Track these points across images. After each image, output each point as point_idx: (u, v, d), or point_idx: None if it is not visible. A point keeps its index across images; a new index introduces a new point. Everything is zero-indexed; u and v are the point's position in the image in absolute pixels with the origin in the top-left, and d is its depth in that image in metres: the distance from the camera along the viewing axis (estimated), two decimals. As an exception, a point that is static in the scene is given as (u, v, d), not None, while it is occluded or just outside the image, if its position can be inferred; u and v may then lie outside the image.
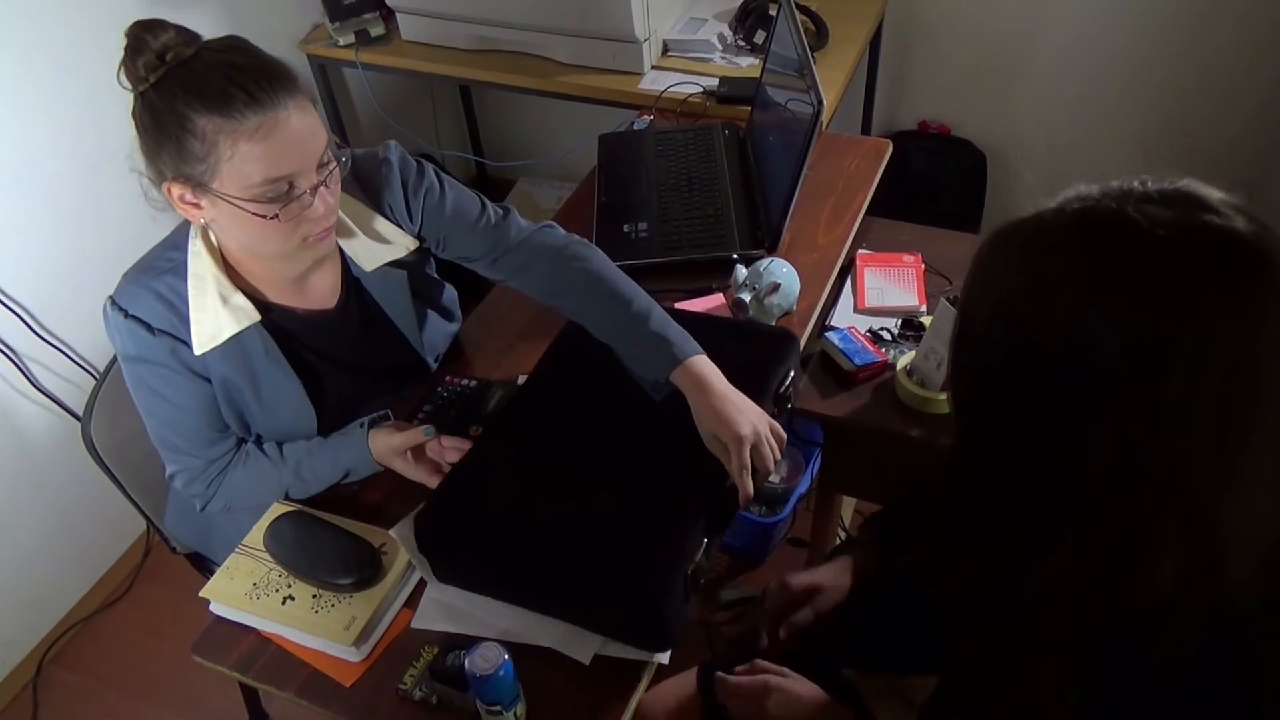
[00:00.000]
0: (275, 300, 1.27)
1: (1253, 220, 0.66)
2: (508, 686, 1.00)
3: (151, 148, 1.09)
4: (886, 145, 1.88)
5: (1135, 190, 0.69)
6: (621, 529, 1.09)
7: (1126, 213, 0.67)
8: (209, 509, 1.33)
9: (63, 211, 1.97)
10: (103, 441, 1.48)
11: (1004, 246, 0.74)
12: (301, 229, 1.13)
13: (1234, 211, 0.66)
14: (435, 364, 1.47)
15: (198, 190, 1.09)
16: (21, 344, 1.95)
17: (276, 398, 1.28)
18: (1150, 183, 0.70)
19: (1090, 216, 0.69)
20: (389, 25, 2.42)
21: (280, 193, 1.09)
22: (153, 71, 1.05)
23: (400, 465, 1.28)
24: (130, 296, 1.20)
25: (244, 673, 1.15)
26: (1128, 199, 0.68)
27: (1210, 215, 0.66)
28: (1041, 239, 0.71)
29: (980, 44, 2.49)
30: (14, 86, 1.83)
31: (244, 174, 1.06)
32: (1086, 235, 0.68)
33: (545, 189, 3.10)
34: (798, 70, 1.53)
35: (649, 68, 2.17)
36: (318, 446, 1.31)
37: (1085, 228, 0.69)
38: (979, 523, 0.79)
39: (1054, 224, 0.71)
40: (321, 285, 1.31)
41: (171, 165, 1.08)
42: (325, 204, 1.13)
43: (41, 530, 2.10)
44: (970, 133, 2.64)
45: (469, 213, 1.37)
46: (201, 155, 1.06)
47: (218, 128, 1.04)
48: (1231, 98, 2.34)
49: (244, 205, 1.08)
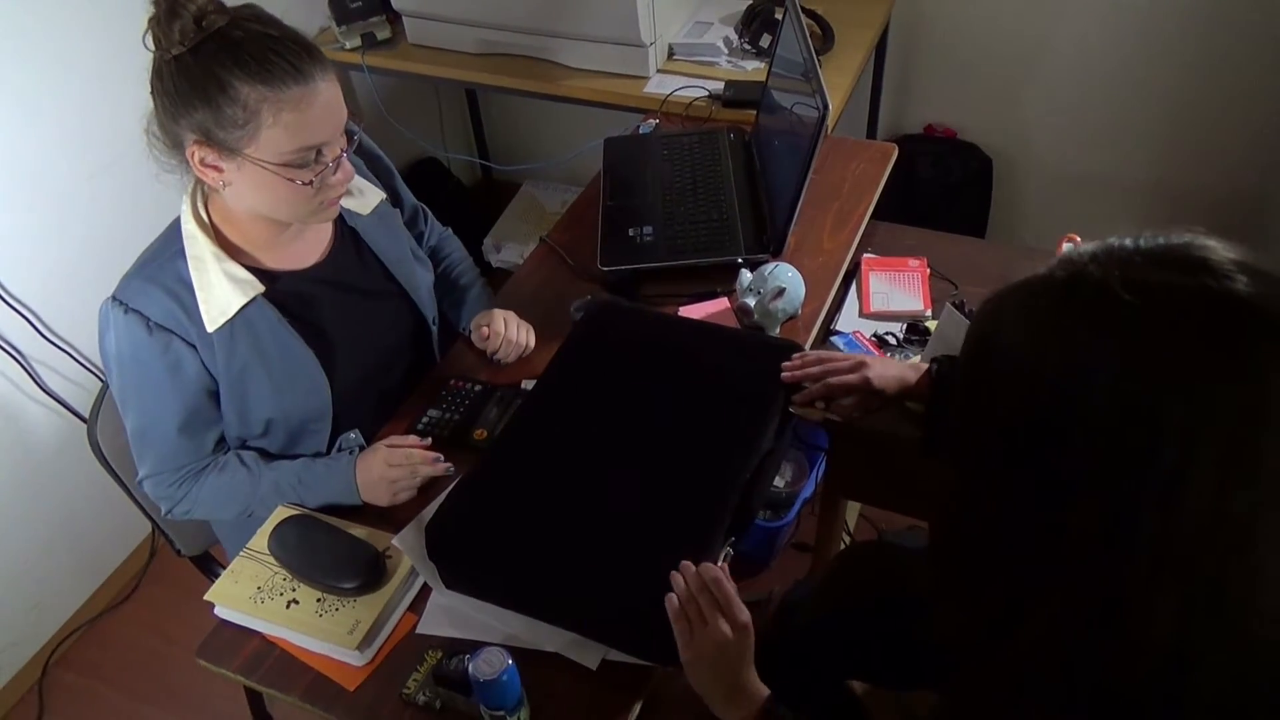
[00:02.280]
0: (273, 265, 1.30)
1: (1256, 279, 0.63)
2: (512, 692, 1.00)
3: (179, 110, 1.12)
4: (892, 149, 1.88)
5: (1127, 252, 0.68)
6: (634, 542, 1.08)
7: (1109, 283, 0.65)
8: (174, 513, 1.34)
9: (69, 214, 1.97)
10: (108, 444, 1.48)
11: (996, 310, 0.74)
12: (321, 194, 1.19)
13: (1237, 270, 0.64)
14: (434, 325, 1.51)
15: (225, 154, 1.14)
16: (28, 346, 1.95)
17: (289, 371, 1.29)
18: (1147, 241, 0.68)
19: (1075, 284, 0.68)
20: (395, 28, 2.42)
21: (308, 160, 1.15)
22: (189, 37, 1.08)
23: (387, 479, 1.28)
24: (133, 291, 1.22)
25: (249, 676, 1.15)
26: (1115, 264, 0.67)
27: (1207, 278, 0.64)
28: (1032, 306, 0.71)
29: (987, 47, 2.49)
30: (21, 90, 1.84)
31: (280, 141, 1.12)
32: (1071, 306, 0.68)
33: (550, 192, 3.10)
34: (803, 74, 1.53)
35: (654, 71, 2.17)
36: (303, 468, 1.32)
37: (1070, 299, 0.68)
38: (969, 571, 0.79)
39: (1042, 292, 0.70)
40: (316, 243, 1.36)
41: (200, 129, 1.12)
42: (345, 172, 1.21)
43: (47, 532, 2.10)
44: (977, 136, 2.64)
45: None
46: (241, 121, 1.10)
47: (261, 96, 1.09)
48: (1242, 103, 2.33)
49: (277, 171, 1.14)
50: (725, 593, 1.01)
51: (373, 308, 1.42)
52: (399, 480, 1.28)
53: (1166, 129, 2.45)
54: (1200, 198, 2.46)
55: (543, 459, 1.21)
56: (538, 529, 1.13)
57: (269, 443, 1.35)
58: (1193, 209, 2.48)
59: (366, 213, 1.40)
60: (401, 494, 1.29)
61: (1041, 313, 0.70)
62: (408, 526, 1.25)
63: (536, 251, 1.75)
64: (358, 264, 1.41)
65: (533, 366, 1.45)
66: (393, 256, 1.43)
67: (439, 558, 1.15)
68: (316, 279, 1.35)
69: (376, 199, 1.42)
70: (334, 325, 1.35)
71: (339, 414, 1.35)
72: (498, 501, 1.17)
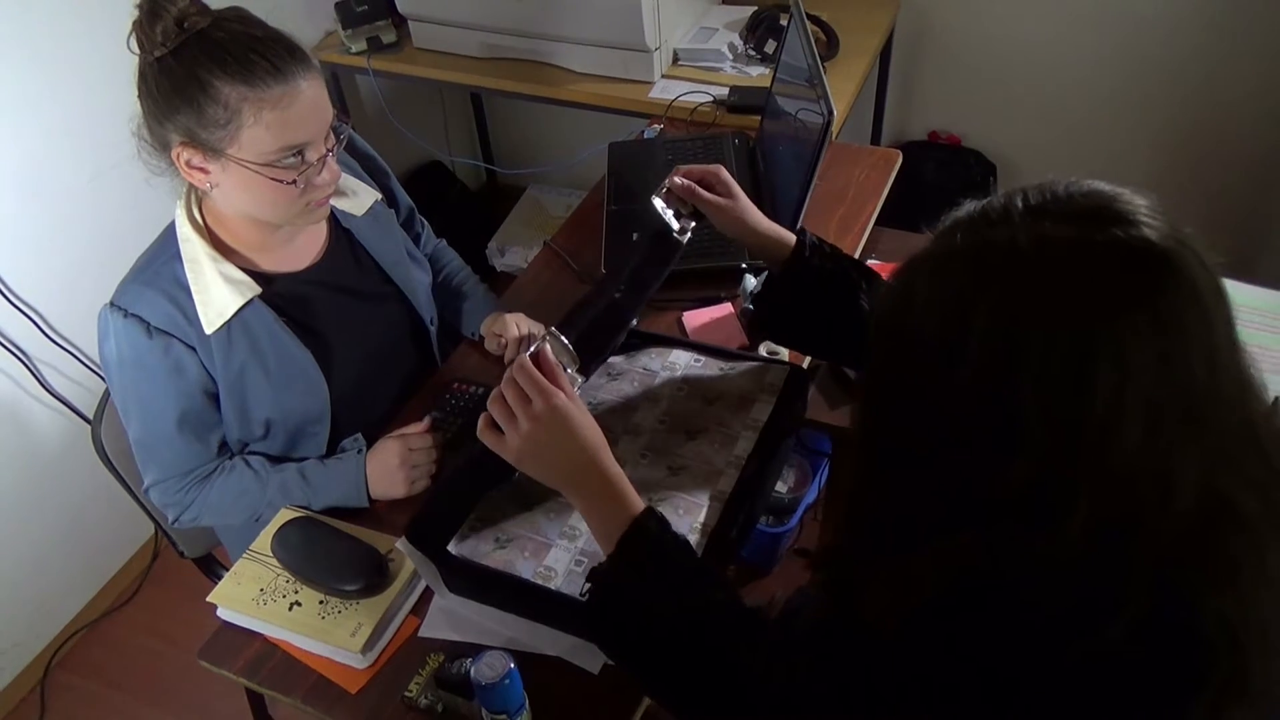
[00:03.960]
0: (268, 267, 1.30)
1: (1165, 226, 0.67)
2: (514, 695, 0.99)
3: (164, 112, 1.12)
4: (896, 155, 1.88)
5: (1032, 206, 0.70)
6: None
7: (1017, 240, 0.68)
8: (181, 520, 1.34)
9: (74, 215, 1.98)
10: (112, 445, 1.48)
11: (909, 283, 0.75)
12: (306, 195, 1.19)
13: (1149, 217, 0.67)
14: (432, 326, 1.51)
15: (209, 155, 1.14)
16: (32, 347, 1.96)
17: (286, 373, 1.29)
18: (1052, 191, 0.71)
19: (985, 251, 0.70)
20: (401, 32, 2.43)
21: (292, 161, 1.15)
22: (171, 38, 1.09)
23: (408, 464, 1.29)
24: (131, 296, 1.22)
25: (251, 678, 1.15)
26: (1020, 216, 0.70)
27: (1114, 228, 0.67)
28: (943, 275, 0.72)
29: (991, 55, 2.49)
30: (25, 91, 1.84)
31: (262, 141, 1.12)
32: (982, 264, 0.70)
33: (555, 196, 3.10)
34: (808, 80, 1.53)
35: (659, 77, 2.18)
36: (310, 469, 1.32)
37: (981, 266, 0.70)
38: (887, 539, 0.79)
39: (951, 260, 0.72)
40: (311, 245, 1.36)
41: (184, 130, 1.12)
42: (331, 172, 1.20)
43: (50, 533, 2.10)
44: (981, 143, 2.64)
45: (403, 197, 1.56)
46: (222, 121, 1.10)
47: (241, 96, 1.09)
48: (1244, 111, 2.33)
49: (260, 171, 1.13)
50: (530, 376, 0.93)
51: (369, 309, 1.42)
52: (419, 465, 1.28)
53: (1168, 138, 2.45)
54: (1201, 206, 2.46)
55: None
56: None
57: (268, 445, 1.35)
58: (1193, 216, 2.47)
59: (360, 214, 1.40)
60: (419, 481, 1.29)
61: (954, 283, 0.71)
62: (410, 529, 1.24)
63: (540, 255, 1.75)
64: (353, 265, 1.41)
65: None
66: (388, 258, 1.43)
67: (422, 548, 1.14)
68: (312, 281, 1.35)
69: (371, 200, 1.42)
70: (330, 327, 1.35)
71: (337, 415, 1.35)
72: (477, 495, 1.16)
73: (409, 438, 1.30)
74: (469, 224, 3.00)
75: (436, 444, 1.31)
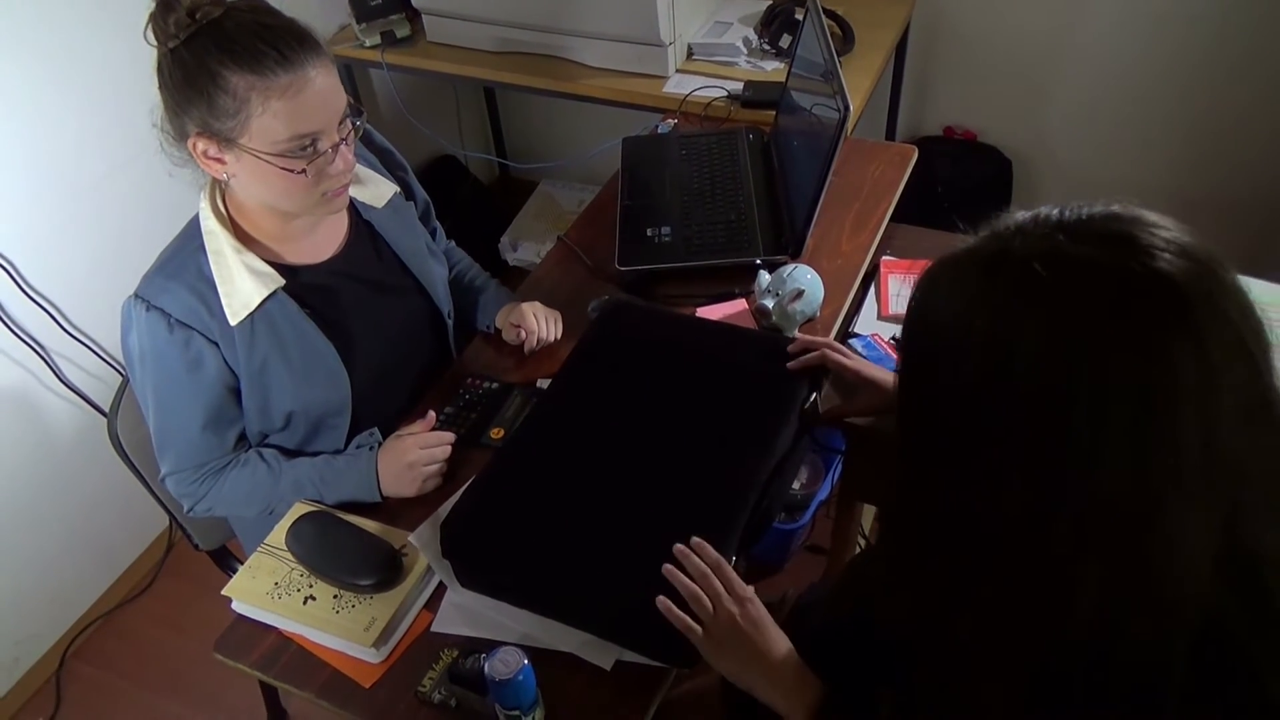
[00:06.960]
0: (290, 259, 1.31)
1: (1183, 255, 0.65)
2: (527, 691, 1.00)
3: (179, 103, 1.13)
4: (912, 151, 1.87)
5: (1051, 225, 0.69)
6: (649, 543, 1.07)
7: (1030, 259, 0.67)
8: (195, 511, 1.35)
9: (91, 208, 1.99)
10: (128, 437, 1.49)
11: (930, 284, 0.75)
12: (321, 185, 1.19)
13: (1165, 246, 0.65)
14: (449, 319, 1.51)
15: (224, 145, 1.14)
16: (50, 339, 1.97)
17: (309, 364, 1.30)
18: (1073, 212, 0.69)
19: (999, 259, 0.69)
20: (415, 26, 2.43)
21: (304, 149, 1.15)
22: (183, 29, 1.09)
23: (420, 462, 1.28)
24: (155, 288, 1.23)
25: (265, 671, 1.15)
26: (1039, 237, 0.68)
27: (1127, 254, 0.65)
28: (960, 281, 0.72)
29: (1007, 50, 2.47)
30: (42, 86, 1.85)
31: (272, 130, 1.12)
32: (995, 282, 0.69)
33: (568, 191, 3.10)
34: (824, 75, 1.53)
35: (674, 71, 2.17)
36: (324, 464, 1.32)
37: (993, 274, 0.69)
38: (913, 553, 0.80)
39: (970, 266, 0.72)
40: (332, 236, 1.36)
41: (199, 120, 1.13)
42: (345, 161, 1.20)
43: (65, 525, 2.12)
44: (996, 139, 2.62)
45: None
46: (232, 111, 1.11)
47: (250, 84, 1.09)
48: (1261, 109, 2.30)
49: (271, 160, 1.13)
50: (727, 575, 1.01)
51: (390, 301, 1.42)
52: (430, 465, 1.28)
53: (1186, 134, 2.42)
54: (1218, 203, 2.44)
55: (557, 458, 1.21)
56: (552, 528, 1.13)
57: (288, 437, 1.36)
58: (1211, 214, 2.45)
59: (380, 205, 1.41)
60: (429, 481, 1.29)
61: (969, 286, 0.71)
62: (424, 524, 1.25)
63: (554, 250, 1.75)
64: (374, 257, 1.41)
65: (550, 365, 1.45)
66: (408, 250, 1.44)
67: (454, 555, 1.15)
68: (334, 272, 1.35)
69: (390, 192, 1.43)
70: (352, 318, 1.36)
71: (357, 407, 1.36)
72: (512, 500, 1.16)
73: (420, 437, 1.30)
74: (482, 218, 3.00)
75: (448, 443, 1.31)
